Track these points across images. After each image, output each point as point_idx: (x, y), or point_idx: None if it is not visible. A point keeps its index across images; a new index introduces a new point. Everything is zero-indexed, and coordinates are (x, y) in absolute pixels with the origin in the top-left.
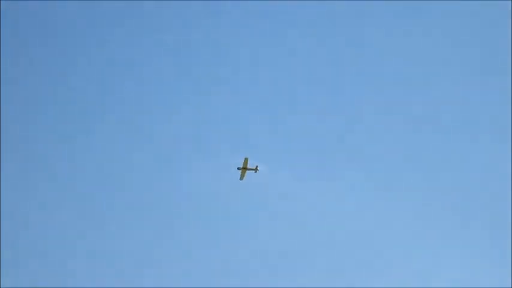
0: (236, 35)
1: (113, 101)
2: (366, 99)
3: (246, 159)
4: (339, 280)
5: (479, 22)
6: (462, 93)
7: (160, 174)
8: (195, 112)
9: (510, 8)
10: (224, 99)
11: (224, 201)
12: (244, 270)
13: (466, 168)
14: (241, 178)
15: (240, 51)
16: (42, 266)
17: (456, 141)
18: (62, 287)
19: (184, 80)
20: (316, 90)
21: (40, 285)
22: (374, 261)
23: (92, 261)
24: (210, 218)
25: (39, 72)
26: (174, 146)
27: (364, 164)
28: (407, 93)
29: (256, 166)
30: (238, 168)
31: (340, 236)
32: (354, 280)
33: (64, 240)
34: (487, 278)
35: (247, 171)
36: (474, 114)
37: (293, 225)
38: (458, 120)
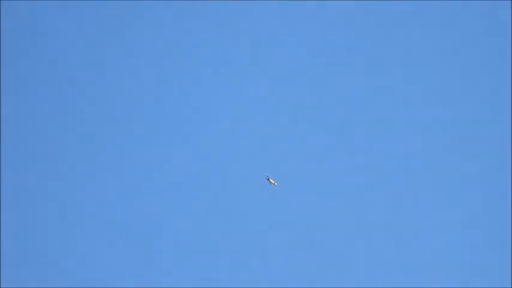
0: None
1: (114, 102)
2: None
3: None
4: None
5: (479, 22)
6: (462, 94)
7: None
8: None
9: (510, 8)
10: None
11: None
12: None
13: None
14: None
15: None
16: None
17: (455, 141)
18: (61, 287)
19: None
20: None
21: (40, 285)
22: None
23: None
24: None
25: (40, 72)
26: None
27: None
28: (405, 94)
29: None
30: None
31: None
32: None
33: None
34: (487, 278)
35: (270, 181)
36: (474, 115)
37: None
38: (456, 120)
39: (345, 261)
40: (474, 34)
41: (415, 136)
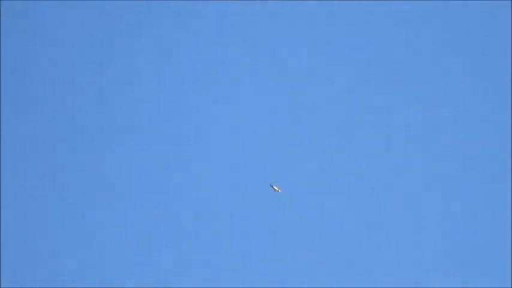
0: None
1: (114, 102)
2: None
3: (274, 187)
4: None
5: (479, 22)
6: (462, 94)
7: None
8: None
9: (510, 8)
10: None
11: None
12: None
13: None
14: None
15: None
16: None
17: (455, 141)
18: (61, 287)
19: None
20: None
21: (40, 285)
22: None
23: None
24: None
25: (40, 72)
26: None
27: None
28: (404, 94)
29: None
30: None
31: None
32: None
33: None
34: (487, 278)
35: (274, 188)
36: (473, 115)
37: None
38: (456, 121)
39: (344, 261)
40: (474, 34)
41: (415, 136)
